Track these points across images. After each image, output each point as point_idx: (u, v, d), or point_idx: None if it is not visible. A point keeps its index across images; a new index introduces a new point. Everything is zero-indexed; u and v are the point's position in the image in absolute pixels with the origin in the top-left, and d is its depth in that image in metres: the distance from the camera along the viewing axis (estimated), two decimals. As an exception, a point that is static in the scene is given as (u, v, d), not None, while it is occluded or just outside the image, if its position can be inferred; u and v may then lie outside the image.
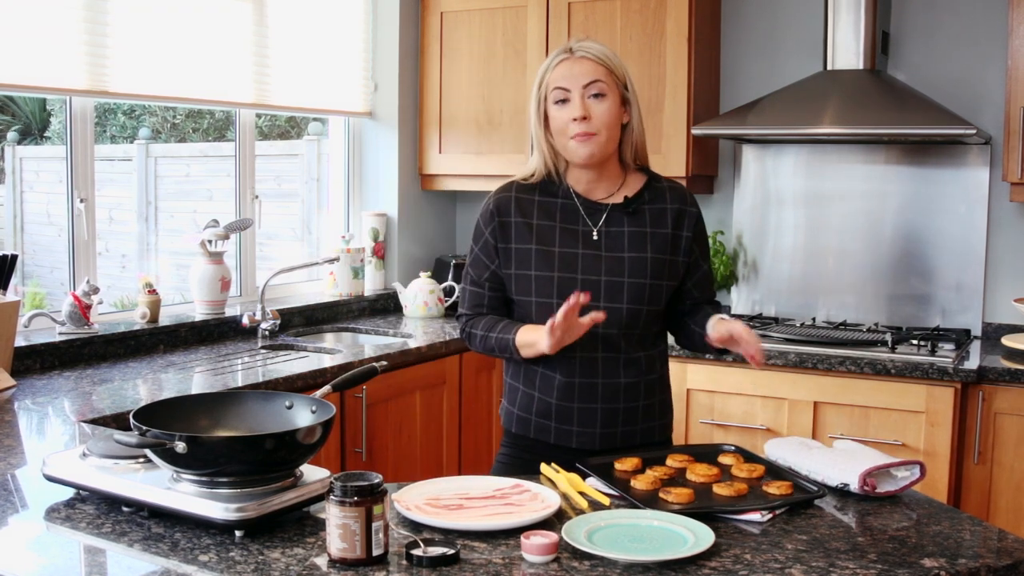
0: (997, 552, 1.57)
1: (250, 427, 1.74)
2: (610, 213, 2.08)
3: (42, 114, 6.39)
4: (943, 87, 3.56)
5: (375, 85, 4.17)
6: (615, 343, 2.05)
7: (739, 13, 3.89)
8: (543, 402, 2.09)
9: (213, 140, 6.34)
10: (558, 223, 2.08)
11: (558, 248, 2.06)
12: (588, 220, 2.08)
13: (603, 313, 1.93)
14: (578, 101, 2.00)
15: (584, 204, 2.09)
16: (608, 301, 2.03)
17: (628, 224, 2.07)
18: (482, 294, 2.13)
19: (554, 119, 2.04)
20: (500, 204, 2.11)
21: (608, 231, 2.07)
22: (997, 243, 3.54)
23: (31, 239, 6.04)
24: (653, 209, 2.09)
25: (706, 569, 1.45)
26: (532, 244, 2.07)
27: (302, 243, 4.97)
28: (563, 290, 2.02)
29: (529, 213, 2.09)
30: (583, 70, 2.00)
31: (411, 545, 1.46)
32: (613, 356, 2.06)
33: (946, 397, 3.03)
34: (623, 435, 2.08)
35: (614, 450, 2.04)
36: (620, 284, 2.04)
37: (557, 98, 2.02)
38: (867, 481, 1.78)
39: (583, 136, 2.00)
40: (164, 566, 1.44)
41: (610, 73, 2.02)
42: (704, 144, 3.77)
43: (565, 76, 2.01)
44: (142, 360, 3.02)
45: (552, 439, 2.09)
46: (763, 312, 3.88)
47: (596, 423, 2.06)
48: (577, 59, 2.01)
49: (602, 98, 2.00)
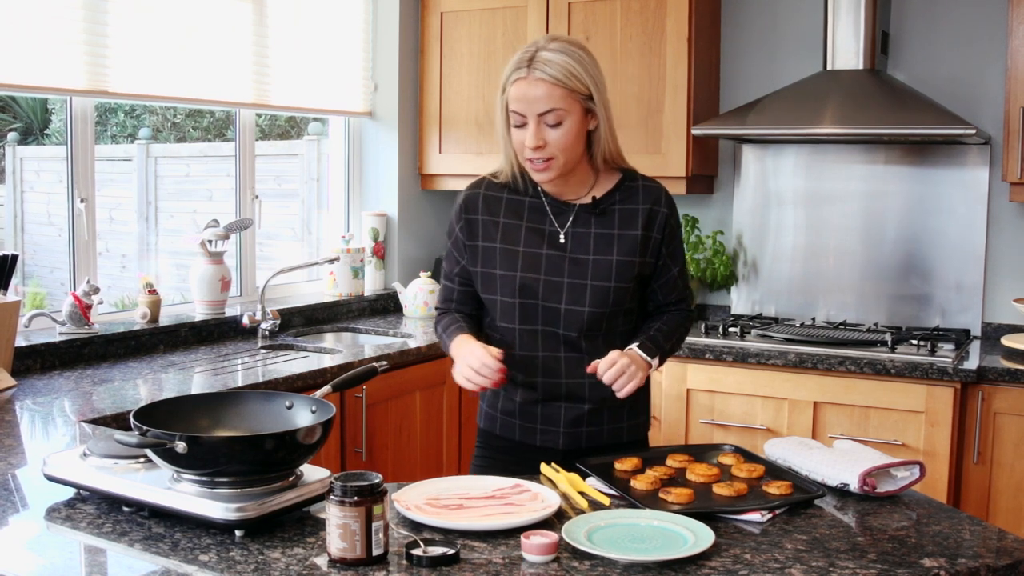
0: (997, 552, 1.57)
1: (250, 427, 1.74)
2: (578, 214, 2.05)
3: (42, 114, 6.39)
4: (943, 87, 3.56)
5: (375, 85, 4.17)
6: (577, 344, 2.04)
7: (739, 13, 3.89)
8: (508, 400, 2.11)
9: (213, 140, 6.34)
10: (524, 222, 2.06)
11: (522, 248, 2.05)
12: (555, 221, 2.05)
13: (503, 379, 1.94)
14: (533, 128, 1.93)
15: (552, 204, 2.06)
16: (570, 304, 2.02)
17: (595, 225, 2.04)
18: (452, 289, 2.15)
19: (513, 137, 2.00)
20: (469, 201, 2.11)
21: (575, 232, 2.04)
22: (997, 243, 3.54)
23: (31, 239, 6.04)
24: (624, 210, 2.05)
25: (706, 569, 1.45)
26: (497, 243, 2.06)
27: (302, 243, 4.97)
28: (525, 290, 2.03)
29: (496, 211, 2.08)
30: (538, 96, 1.91)
31: (411, 545, 1.47)
32: (576, 356, 2.04)
33: (946, 397, 3.04)
34: (588, 435, 2.08)
35: (579, 451, 2.05)
36: (583, 287, 2.02)
37: (515, 122, 1.97)
38: (867, 481, 1.78)
39: (540, 163, 1.96)
40: (164, 566, 1.44)
41: (569, 93, 1.92)
42: (704, 144, 3.77)
43: (520, 100, 1.94)
44: (142, 360, 3.02)
45: (517, 436, 2.11)
46: (763, 312, 3.88)
47: (559, 422, 2.06)
48: (534, 81, 1.91)
49: (558, 125, 1.93)
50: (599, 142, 2.02)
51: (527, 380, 2.07)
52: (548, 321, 2.03)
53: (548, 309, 2.02)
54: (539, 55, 1.93)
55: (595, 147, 2.03)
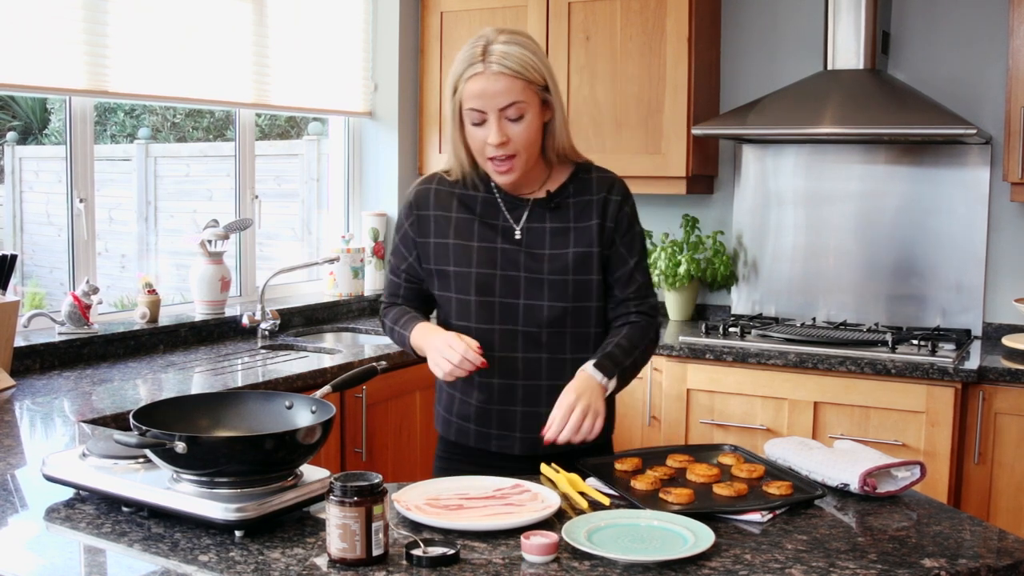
0: (997, 552, 1.57)
1: (250, 427, 1.74)
2: (532, 209, 1.99)
3: (42, 114, 6.39)
4: (943, 87, 3.56)
5: (375, 85, 4.17)
6: (537, 341, 1.98)
7: (739, 13, 3.89)
8: (464, 403, 2.04)
9: (213, 140, 6.34)
10: (478, 217, 2.00)
11: (477, 243, 1.99)
12: (509, 216, 1.99)
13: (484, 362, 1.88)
14: (495, 125, 1.87)
15: (505, 199, 2.00)
16: (528, 299, 1.96)
17: (550, 220, 1.99)
18: (398, 284, 2.09)
19: (471, 136, 1.92)
20: (419, 197, 2.04)
21: (530, 227, 1.99)
22: (997, 243, 3.54)
23: (31, 239, 6.05)
24: (578, 202, 2.00)
25: (706, 569, 1.45)
26: (450, 239, 2.00)
27: (302, 243, 4.97)
28: (481, 287, 1.97)
29: (449, 206, 2.01)
30: (499, 90, 1.85)
31: (411, 545, 1.46)
32: (535, 357, 1.98)
33: (946, 397, 3.03)
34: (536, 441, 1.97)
35: (537, 457, 1.94)
36: (540, 281, 1.96)
37: (473, 119, 1.89)
38: (867, 481, 1.78)
39: (502, 160, 1.90)
40: (164, 566, 1.44)
41: (528, 85, 1.87)
42: (704, 144, 3.77)
43: (480, 96, 1.86)
44: (142, 360, 3.02)
45: (472, 442, 2.04)
46: (763, 312, 3.88)
47: (515, 427, 1.99)
48: (492, 75, 1.85)
49: (520, 119, 1.88)
50: (554, 134, 1.96)
51: (484, 381, 1.99)
52: (506, 318, 1.97)
53: (506, 305, 1.96)
54: (493, 48, 1.86)
55: (549, 140, 1.97)
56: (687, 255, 3.79)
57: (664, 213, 4.04)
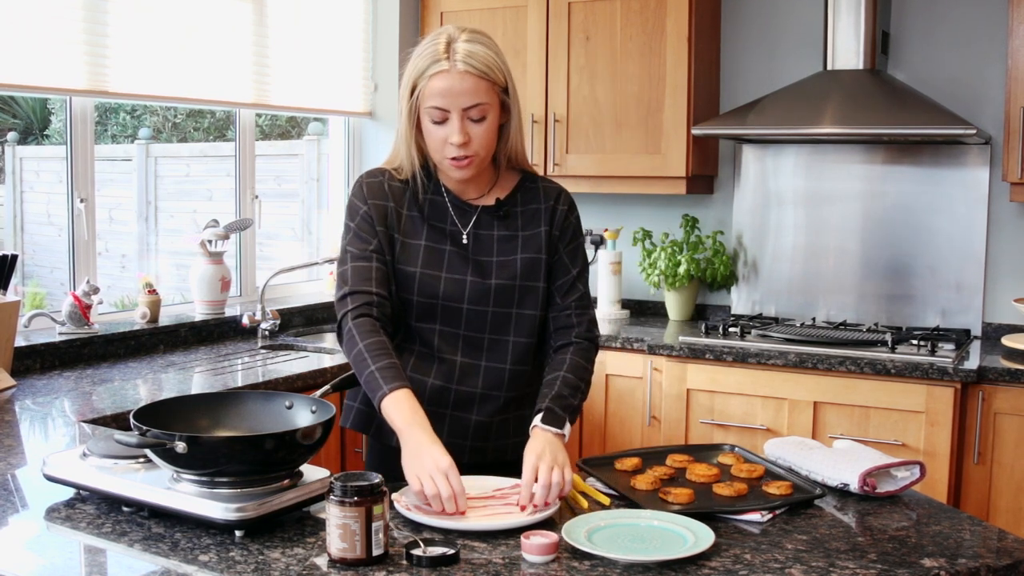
0: (997, 552, 1.57)
1: (250, 427, 1.74)
2: (480, 216, 1.96)
3: (42, 114, 6.39)
4: (943, 87, 3.56)
5: (375, 85, 4.17)
6: (478, 347, 1.94)
7: (739, 13, 3.89)
8: None
9: (213, 140, 6.34)
10: (426, 218, 1.95)
11: (424, 242, 1.93)
12: (457, 221, 1.95)
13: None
14: (457, 124, 1.82)
15: (454, 203, 1.96)
16: (472, 303, 1.92)
17: (499, 228, 1.95)
18: (369, 267, 1.90)
19: (430, 135, 1.86)
20: (372, 187, 1.95)
21: (477, 234, 1.95)
22: (997, 243, 3.54)
23: (31, 239, 6.05)
24: (526, 211, 1.97)
25: (706, 569, 1.45)
26: (398, 234, 1.93)
27: (302, 243, 4.97)
28: (424, 288, 1.92)
29: (400, 201, 1.94)
30: (464, 89, 1.81)
31: (411, 545, 1.46)
32: (474, 364, 1.94)
33: (946, 397, 3.03)
34: (472, 451, 1.95)
35: (462, 467, 1.71)
36: (487, 286, 1.92)
37: (434, 117, 1.83)
38: (867, 481, 1.78)
39: (462, 160, 1.85)
40: (164, 566, 1.44)
41: (492, 87, 1.84)
42: (704, 144, 3.77)
43: (444, 94, 1.81)
44: (142, 360, 3.02)
45: (394, 443, 1.80)
46: (763, 312, 3.88)
47: (442, 432, 1.82)
48: (459, 74, 1.80)
49: (482, 120, 1.84)
50: (508, 138, 1.93)
51: (417, 378, 1.93)
52: (448, 320, 1.93)
53: (448, 308, 1.92)
54: (457, 46, 1.82)
55: (503, 143, 1.93)
56: (687, 255, 3.79)
57: (664, 213, 4.04)
